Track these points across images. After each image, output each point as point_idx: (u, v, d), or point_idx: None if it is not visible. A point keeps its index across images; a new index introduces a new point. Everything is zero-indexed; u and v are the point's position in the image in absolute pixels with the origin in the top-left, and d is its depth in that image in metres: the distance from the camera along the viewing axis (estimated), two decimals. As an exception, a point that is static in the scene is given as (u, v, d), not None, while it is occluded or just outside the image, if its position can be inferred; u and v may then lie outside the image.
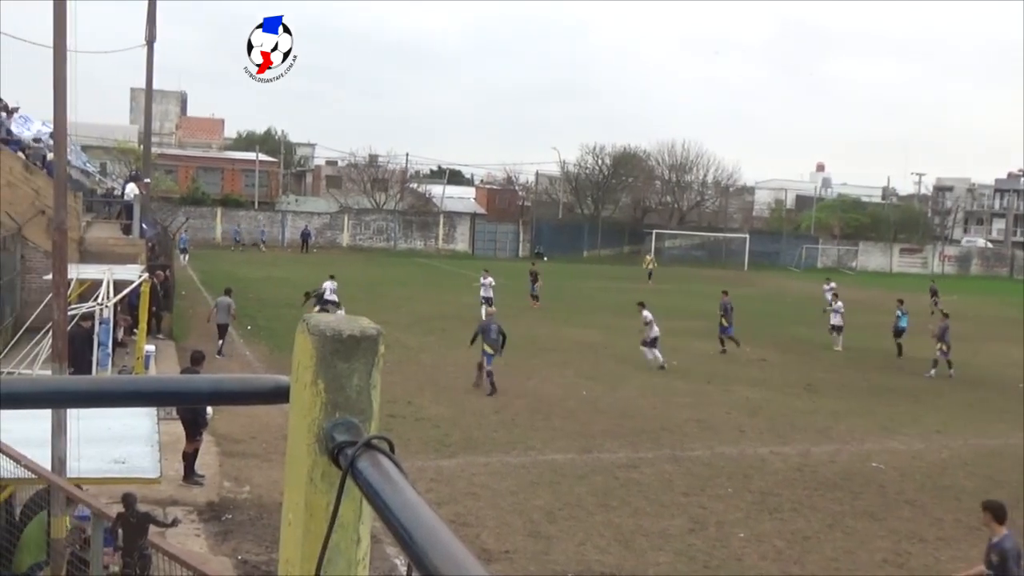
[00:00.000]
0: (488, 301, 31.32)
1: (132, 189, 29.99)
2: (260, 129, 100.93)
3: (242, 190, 74.80)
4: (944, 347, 26.48)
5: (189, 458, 14.25)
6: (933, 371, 26.31)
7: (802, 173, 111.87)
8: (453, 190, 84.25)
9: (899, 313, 30.43)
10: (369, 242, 72.35)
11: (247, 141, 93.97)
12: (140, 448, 9.91)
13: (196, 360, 15.24)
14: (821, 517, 13.65)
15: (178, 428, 14.28)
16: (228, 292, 25.76)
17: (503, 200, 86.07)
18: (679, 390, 22.37)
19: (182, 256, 48.33)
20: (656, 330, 24.97)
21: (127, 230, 27.80)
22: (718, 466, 15.91)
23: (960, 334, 31.25)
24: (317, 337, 1.53)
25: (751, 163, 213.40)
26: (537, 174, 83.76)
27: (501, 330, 21.93)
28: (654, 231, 76.06)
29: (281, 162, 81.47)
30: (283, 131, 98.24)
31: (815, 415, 20.39)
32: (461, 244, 75.01)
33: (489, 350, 20.97)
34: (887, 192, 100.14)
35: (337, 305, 29.70)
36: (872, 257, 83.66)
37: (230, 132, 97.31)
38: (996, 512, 9.00)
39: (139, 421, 10.47)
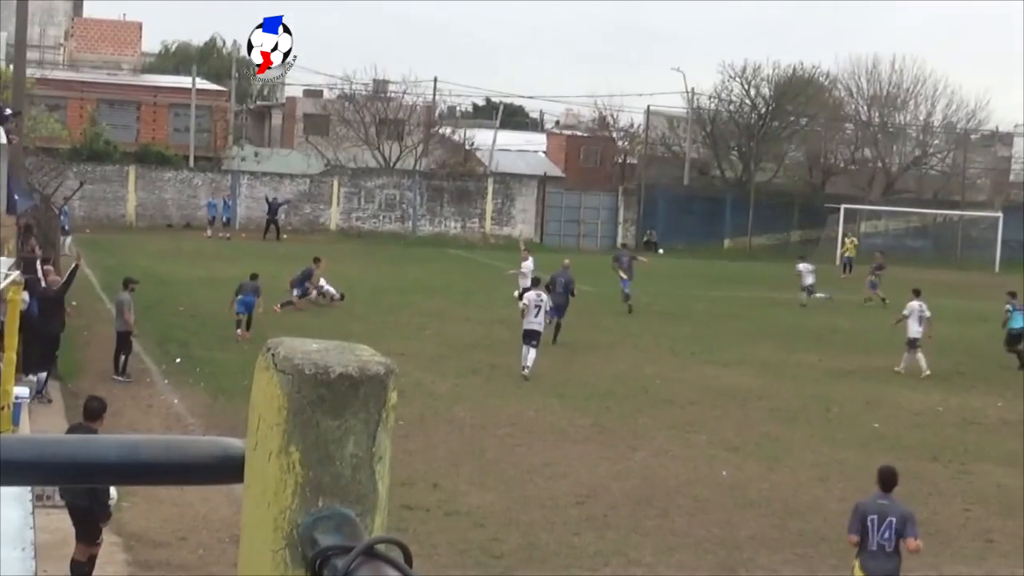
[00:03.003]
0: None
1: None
2: (198, 38, 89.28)
3: (169, 137, 65.80)
4: None
5: (81, 570, 13.04)
6: None
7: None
8: (510, 138, 72.95)
9: (1009, 308, 29.97)
10: (373, 222, 62.60)
11: (178, 58, 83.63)
12: (4, 553, 8.83)
13: (93, 412, 13.59)
14: None
15: (65, 521, 13.07)
16: (127, 285, 23.80)
17: (591, 154, 74.18)
18: (884, 470, 18.36)
19: (63, 240, 45.84)
20: (536, 323, 25.04)
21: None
22: (951, 599, 14.83)
23: None
24: (291, 377, 1.34)
25: (1007, 98, 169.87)
26: (648, 112, 71.11)
27: (569, 287, 28.82)
28: (842, 206, 64.11)
29: (232, 92, 70.61)
30: (235, 42, 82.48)
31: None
32: (522, 225, 64.05)
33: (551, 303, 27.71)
34: None
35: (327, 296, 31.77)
36: None
37: (151, 43, 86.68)
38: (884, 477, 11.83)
39: (3, 510, 9.31)
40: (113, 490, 12.93)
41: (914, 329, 28.63)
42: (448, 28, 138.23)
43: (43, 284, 22.18)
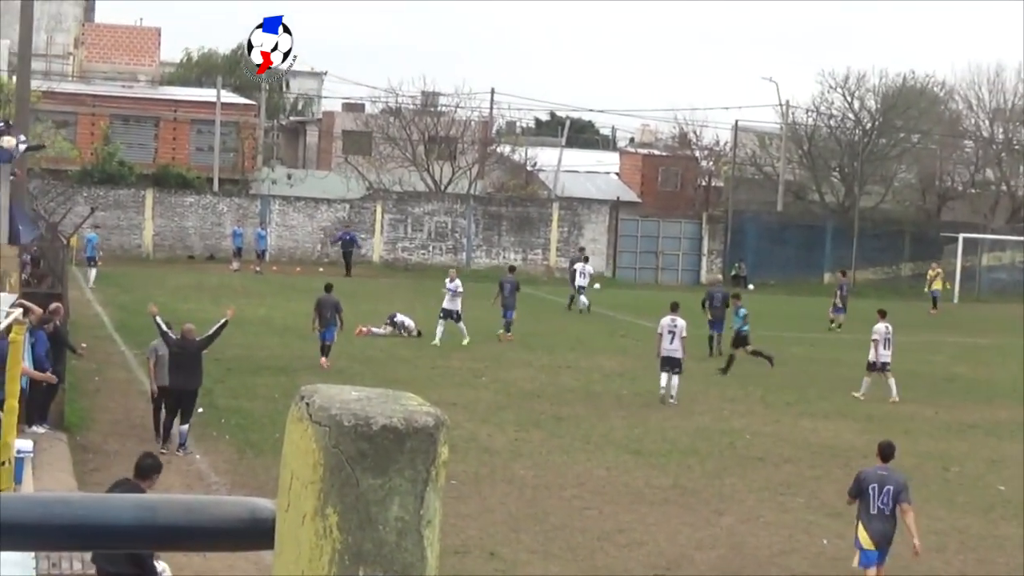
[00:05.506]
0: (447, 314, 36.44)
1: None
2: (224, 46, 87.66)
3: (191, 157, 65.78)
4: None
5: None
6: None
7: None
8: (578, 157, 73.06)
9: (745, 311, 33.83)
10: (422, 254, 62.29)
11: (201, 68, 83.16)
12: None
13: (145, 470, 13.18)
14: None
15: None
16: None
17: (671, 176, 73.72)
18: (1013, 539, 18.70)
19: (89, 271, 44.73)
20: (672, 349, 27.64)
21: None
22: None
23: None
24: (327, 429, 1.30)
25: None
26: (736, 127, 70.65)
27: (726, 299, 34.99)
28: (961, 235, 63.65)
29: (262, 106, 70.69)
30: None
31: None
32: (592, 256, 62.78)
33: (710, 317, 35.85)
34: None
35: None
36: None
37: (171, 51, 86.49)
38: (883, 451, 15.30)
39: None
40: (163, 565, 12.37)
41: (882, 353, 29.80)
42: (507, 34, 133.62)
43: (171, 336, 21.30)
